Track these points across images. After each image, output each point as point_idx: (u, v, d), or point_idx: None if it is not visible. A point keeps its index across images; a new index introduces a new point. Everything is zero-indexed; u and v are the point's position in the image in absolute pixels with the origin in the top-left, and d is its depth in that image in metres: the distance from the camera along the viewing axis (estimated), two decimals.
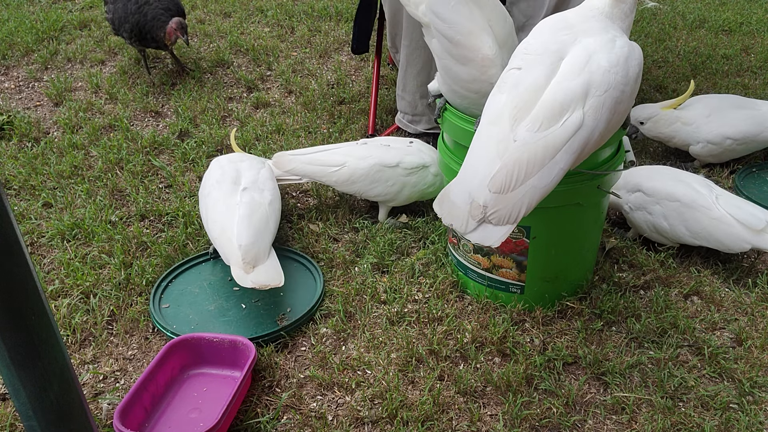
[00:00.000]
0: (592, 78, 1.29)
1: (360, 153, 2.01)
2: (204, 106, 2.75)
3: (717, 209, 1.81)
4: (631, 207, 1.94)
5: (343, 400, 1.49)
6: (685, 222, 1.83)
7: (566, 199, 1.54)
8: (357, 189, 2.00)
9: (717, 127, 2.29)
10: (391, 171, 1.97)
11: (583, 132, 1.28)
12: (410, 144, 2.04)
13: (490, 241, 1.27)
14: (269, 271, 1.67)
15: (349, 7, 3.88)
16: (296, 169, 2.02)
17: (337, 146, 2.07)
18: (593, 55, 1.30)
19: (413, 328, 1.66)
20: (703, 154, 2.33)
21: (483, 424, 1.43)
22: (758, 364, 1.56)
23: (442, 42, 1.57)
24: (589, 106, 1.28)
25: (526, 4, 2.25)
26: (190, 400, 1.47)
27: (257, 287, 1.62)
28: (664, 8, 4.16)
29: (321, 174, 2.01)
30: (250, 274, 1.64)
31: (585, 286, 1.76)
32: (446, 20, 1.54)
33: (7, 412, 1.43)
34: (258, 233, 1.73)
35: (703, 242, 1.83)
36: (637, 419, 1.44)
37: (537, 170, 1.26)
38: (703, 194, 1.84)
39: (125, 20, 2.74)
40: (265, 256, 1.70)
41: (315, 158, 2.03)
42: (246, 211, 1.76)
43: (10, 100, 2.85)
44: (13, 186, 2.23)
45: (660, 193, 1.88)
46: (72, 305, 1.72)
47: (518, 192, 1.25)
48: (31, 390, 0.94)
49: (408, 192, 2.00)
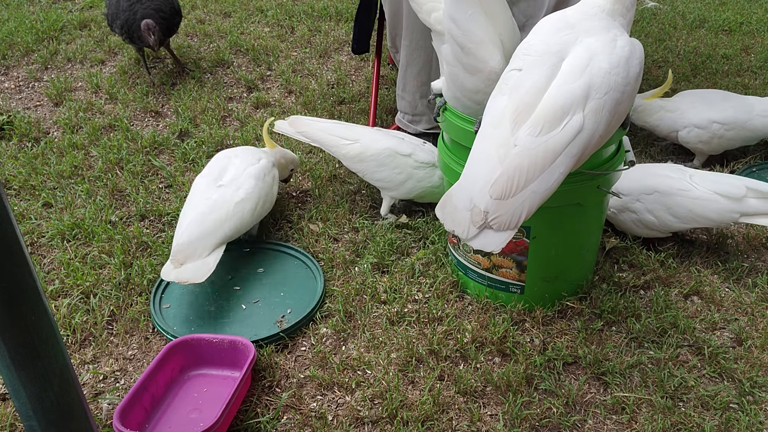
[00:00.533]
0: (593, 80, 1.28)
1: (375, 135, 2.04)
2: (204, 106, 2.75)
3: (695, 188, 1.82)
4: (614, 211, 1.94)
5: (343, 400, 1.49)
6: (670, 209, 1.84)
7: (566, 199, 1.53)
8: (363, 168, 2.01)
9: (703, 112, 2.30)
10: (402, 159, 1.98)
11: (584, 135, 1.28)
12: (424, 144, 2.06)
13: (491, 247, 1.28)
14: (197, 270, 1.69)
15: (349, 7, 3.88)
16: (309, 132, 2.05)
17: (354, 125, 2.11)
18: (594, 57, 1.30)
19: (413, 328, 1.66)
20: (692, 141, 2.32)
21: (483, 424, 1.43)
22: (758, 364, 1.56)
23: (454, 49, 1.58)
24: (589, 108, 1.28)
25: (526, 4, 2.25)
26: (190, 401, 1.47)
27: (177, 282, 1.67)
28: (664, 8, 4.16)
29: (332, 144, 2.03)
30: (175, 270, 1.68)
31: (585, 286, 1.76)
32: (462, 28, 1.55)
33: (7, 412, 1.43)
34: (204, 233, 1.73)
35: (692, 224, 1.84)
36: (637, 419, 1.44)
37: (537, 175, 1.26)
38: (677, 178, 1.85)
39: (117, 17, 2.74)
40: (200, 255, 1.72)
41: (330, 128, 2.06)
42: (205, 209, 1.79)
43: (10, 100, 2.85)
44: (13, 186, 2.23)
45: (636, 190, 1.88)
46: (72, 305, 1.72)
47: (519, 198, 1.25)
48: (31, 390, 0.94)
49: (411, 185, 2.00)
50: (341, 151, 2.02)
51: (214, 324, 1.67)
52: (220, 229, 1.76)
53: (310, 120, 2.09)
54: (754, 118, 2.31)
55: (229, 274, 1.85)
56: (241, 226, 1.82)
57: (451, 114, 1.61)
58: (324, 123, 2.09)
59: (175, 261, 1.70)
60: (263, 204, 1.90)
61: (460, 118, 1.58)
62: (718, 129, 2.29)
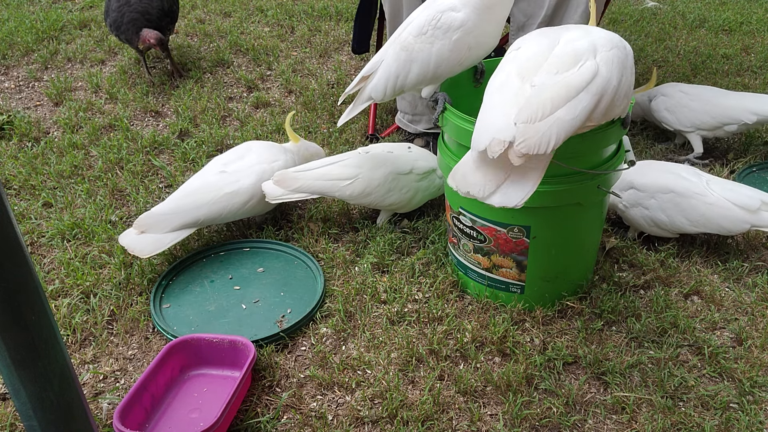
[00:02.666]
0: (596, 41, 1.33)
1: (371, 163, 1.93)
2: (204, 105, 2.75)
3: (711, 194, 1.83)
4: (626, 205, 1.94)
5: (343, 399, 1.49)
6: (683, 211, 1.84)
7: (566, 199, 1.54)
8: (371, 200, 1.94)
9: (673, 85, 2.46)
10: (405, 178, 1.94)
11: (600, 79, 1.28)
12: (409, 150, 2.02)
13: (512, 202, 1.22)
14: (149, 243, 1.75)
15: (349, 7, 3.88)
16: (304, 186, 1.90)
17: (342, 158, 1.97)
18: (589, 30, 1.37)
19: (413, 328, 1.66)
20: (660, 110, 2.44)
21: (483, 424, 1.43)
22: (758, 364, 1.56)
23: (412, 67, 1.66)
24: (600, 58, 1.31)
25: (526, 4, 2.25)
26: (190, 401, 1.47)
27: (125, 248, 1.75)
28: (664, 8, 4.16)
29: (333, 189, 1.90)
30: (131, 237, 1.77)
31: (585, 286, 1.76)
32: None
33: (7, 412, 1.43)
34: (176, 210, 1.80)
35: (702, 229, 1.85)
36: (637, 419, 1.44)
37: (563, 104, 1.24)
38: (695, 182, 1.86)
39: (107, 15, 2.80)
40: (161, 230, 1.77)
41: (324, 173, 1.91)
42: (191, 189, 1.87)
43: (10, 99, 2.85)
44: (13, 186, 2.23)
45: (652, 187, 1.89)
46: (72, 305, 1.72)
47: (547, 121, 1.22)
48: (31, 390, 0.94)
49: (420, 197, 1.99)
50: (346, 192, 1.91)
51: (214, 324, 1.67)
52: (194, 211, 1.81)
53: (297, 172, 1.92)
54: (723, 96, 2.36)
55: (229, 274, 1.85)
56: (222, 215, 1.86)
57: (452, 114, 1.61)
58: (313, 170, 1.93)
59: (137, 227, 1.77)
60: (257, 202, 1.91)
61: (461, 118, 1.58)
62: (683, 98, 2.38)
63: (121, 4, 2.74)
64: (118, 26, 2.75)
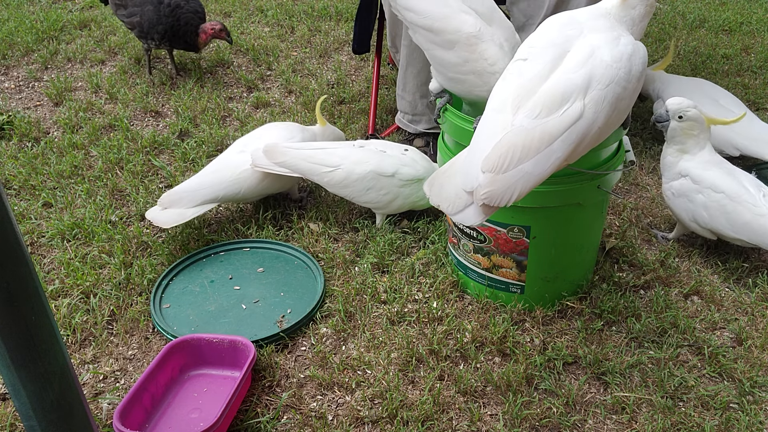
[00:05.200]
0: (595, 71, 1.29)
1: (356, 157, 1.95)
2: (204, 105, 2.75)
3: (763, 206, 1.79)
4: (673, 193, 1.92)
5: (343, 399, 1.49)
6: (727, 214, 1.81)
7: (566, 199, 1.54)
8: (349, 193, 1.97)
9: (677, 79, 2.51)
10: (386, 180, 1.94)
11: (583, 123, 1.27)
12: (405, 152, 2.00)
13: (471, 221, 1.29)
14: (172, 216, 1.87)
15: (349, 7, 3.88)
16: (288, 162, 1.94)
17: (334, 146, 2.01)
18: (596, 50, 1.31)
19: (413, 328, 1.66)
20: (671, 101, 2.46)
21: (483, 424, 1.43)
22: (758, 364, 1.56)
23: (423, 34, 1.59)
24: (590, 98, 1.28)
25: (526, 4, 2.25)
26: (190, 401, 1.47)
27: (150, 221, 1.87)
28: (664, 8, 4.15)
29: (314, 172, 1.96)
30: (156, 212, 1.88)
31: (585, 286, 1.76)
32: (418, 11, 1.57)
33: (7, 412, 1.43)
34: (197, 188, 1.92)
35: (743, 236, 1.81)
36: (637, 419, 1.44)
37: (532, 156, 1.24)
38: (750, 192, 1.82)
39: (158, 23, 2.79)
40: (184, 205, 1.87)
41: (310, 155, 1.96)
42: (215, 168, 1.99)
43: (10, 100, 2.85)
44: (13, 186, 2.23)
45: (706, 182, 1.85)
46: (72, 305, 1.72)
47: (512, 174, 1.24)
48: (31, 390, 0.94)
49: (400, 203, 1.98)
50: (324, 179, 1.95)
51: (214, 324, 1.67)
52: (215, 187, 1.93)
53: (285, 147, 1.97)
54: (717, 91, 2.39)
55: (229, 274, 1.85)
56: (241, 192, 1.96)
57: (452, 114, 1.61)
58: (301, 149, 1.98)
59: (161, 204, 1.89)
60: (273, 181, 2.00)
61: (461, 118, 1.58)
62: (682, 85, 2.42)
63: (173, 8, 2.79)
64: (175, 31, 2.80)
